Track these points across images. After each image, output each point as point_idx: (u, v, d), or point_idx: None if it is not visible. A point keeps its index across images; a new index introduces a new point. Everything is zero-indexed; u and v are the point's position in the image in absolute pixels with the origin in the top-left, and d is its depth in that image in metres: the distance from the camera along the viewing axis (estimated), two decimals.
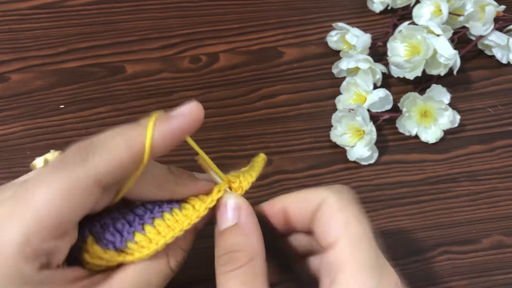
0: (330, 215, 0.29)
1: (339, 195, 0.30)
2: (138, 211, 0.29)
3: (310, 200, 0.30)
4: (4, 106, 0.47)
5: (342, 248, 0.28)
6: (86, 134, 0.46)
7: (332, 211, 0.29)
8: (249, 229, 0.30)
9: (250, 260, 0.28)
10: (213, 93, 0.49)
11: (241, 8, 0.54)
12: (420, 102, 0.46)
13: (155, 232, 0.28)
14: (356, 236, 0.28)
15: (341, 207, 0.29)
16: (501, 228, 0.43)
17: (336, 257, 0.28)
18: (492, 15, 0.48)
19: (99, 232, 0.28)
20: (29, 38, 0.51)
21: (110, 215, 0.29)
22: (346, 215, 0.29)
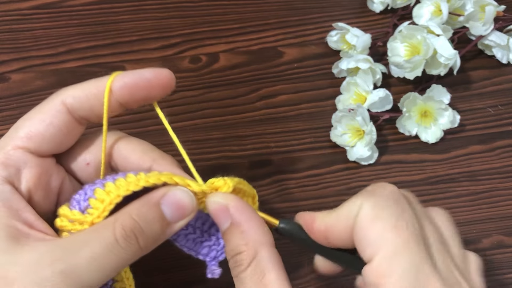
0: (366, 228, 0.27)
1: (372, 200, 0.28)
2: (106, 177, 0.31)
3: (347, 216, 0.28)
4: (4, 106, 0.47)
5: (379, 264, 0.26)
6: (86, 134, 0.45)
7: (366, 224, 0.27)
8: (245, 223, 0.29)
9: (254, 257, 0.28)
10: (213, 93, 0.49)
11: (241, 8, 0.54)
12: (420, 102, 0.46)
13: (114, 186, 0.29)
14: (393, 247, 0.26)
15: (375, 216, 0.27)
16: (501, 228, 0.43)
17: (373, 274, 0.26)
18: (492, 15, 0.48)
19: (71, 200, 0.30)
20: (29, 38, 0.51)
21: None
22: (380, 225, 0.27)
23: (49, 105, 0.30)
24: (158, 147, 0.36)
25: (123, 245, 0.27)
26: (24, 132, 0.29)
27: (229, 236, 0.29)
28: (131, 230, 0.27)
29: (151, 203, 0.28)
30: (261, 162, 0.45)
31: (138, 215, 0.28)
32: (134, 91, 0.30)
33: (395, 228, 0.26)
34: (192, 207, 0.29)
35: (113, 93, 0.30)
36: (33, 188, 0.29)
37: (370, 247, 0.27)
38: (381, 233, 0.26)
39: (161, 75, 0.30)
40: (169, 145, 0.33)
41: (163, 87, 0.30)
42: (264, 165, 0.45)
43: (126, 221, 0.27)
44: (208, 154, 0.45)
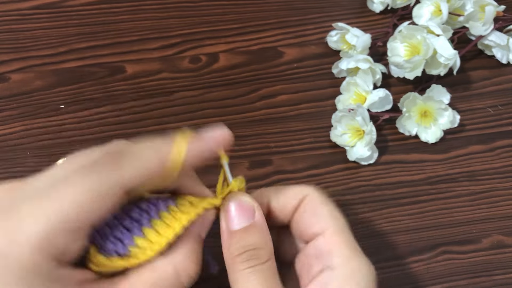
0: (316, 207, 0.31)
1: (319, 191, 0.32)
2: (134, 214, 0.28)
3: (292, 195, 0.32)
4: (4, 106, 0.47)
5: (332, 235, 0.30)
6: (86, 134, 0.46)
7: (317, 204, 0.32)
8: (265, 228, 0.30)
9: (270, 259, 0.29)
10: (213, 93, 0.49)
11: (241, 8, 0.54)
12: (420, 102, 0.46)
13: (155, 233, 0.28)
14: (341, 225, 0.31)
15: (325, 201, 0.32)
16: (501, 228, 0.43)
17: (327, 244, 0.30)
18: (492, 15, 0.48)
19: (100, 242, 0.28)
20: (29, 38, 0.51)
21: (107, 222, 0.28)
22: (330, 207, 0.32)
23: (105, 190, 0.26)
24: None
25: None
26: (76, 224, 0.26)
27: (247, 233, 0.30)
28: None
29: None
30: (261, 162, 0.45)
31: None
32: (199, 163, 0.29)
33: (339, 212, 0.32)
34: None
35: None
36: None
37: (321, 222, 0.31)
38: (331, 213, 0.31)
39: (225, 140, 0.30)
40: None
41: (226, 147, 0.31)
42: (264, 165, 0.45)
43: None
44: None
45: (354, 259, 0.30)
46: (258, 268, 0.29)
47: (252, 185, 0.44)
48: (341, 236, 0.30)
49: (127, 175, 0.26)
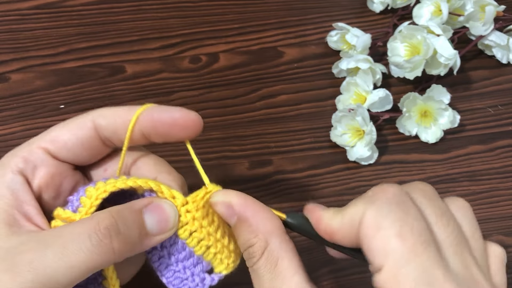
0: (370, 239, 0.26)
1: (374, 207, 0.27)
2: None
3: (350, 223, 0.28)
4: (4, 106, 0.47)
5: (387, 274, 0.25)
6: None
7: (370, 234, 0.26)
8: (251, 217, 0.29)
9: (265, 248, 0.28)
10: (213, 93, 0.49)
11: (241, 8, 0.54)
12: (420, 102, 0.46)
13: (101, 184, 0.30)
14: (399, 256, 0.25)
15: (377, 225, 0.26)
16: (501, 228, 0.43)
17: (383, 283, 0.26)
18: (492, 15, 0.48)
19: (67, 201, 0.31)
20: (29, 38, 0.51)
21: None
22: (384, 234, 0.26)
23: (80, 119, 0.31)
24: (158, 146, 0.36)
25: (95, 241, 0.26)
26: (50, 135, 0.31)
27: (238, 231, 0.29)
28: (106, 227, 0.27)
29: (134, 208, 0.29)
30: (261, 162, 0.45)
31: (118, 214, 0.28)
32: (158, 125, 0.31)
33: (399, 236, 0.26)
34: (174, 222, 0.29)
35: (139, 122, 0.31)
36: (44, 186, 0.30)
37: (377, 258, 0.26)
38: (385, 243, 0.26)
39: (188, 117, 0.31)
40: (169, 145, 0.33)
41: (188, 128, 0.31)
42: (264, 165, 0.45)
43: (104, 218, 0.27)
44: (208, 154, 0.45)
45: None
46: (256, 267, 0.28)
47: (252, 185, 0.44)
48: (395, 276, 0.25)
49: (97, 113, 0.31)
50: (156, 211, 0.29)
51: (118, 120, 0.31)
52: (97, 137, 0.31)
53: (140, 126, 0.31)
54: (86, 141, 0.31)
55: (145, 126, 0.31)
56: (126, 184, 0.29)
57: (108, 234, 0.27)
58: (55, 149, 0.31)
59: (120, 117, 0.31)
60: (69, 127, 0.31)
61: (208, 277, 0.31)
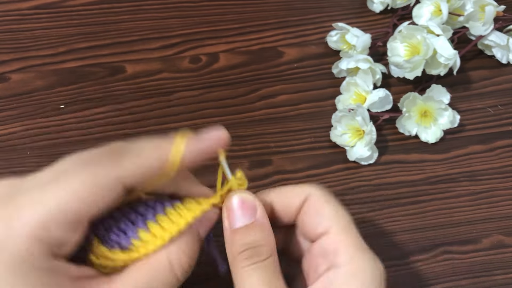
0: (320, 206, 0.31)
1: (322, 190, 0.32)
2: (140, 209, 0.29)
3: (295, 195, 0.32)
4: (4, 106, 0.47)
5: (337, 233, 0.30)
6: (86, 134, 0.46)
7: (321, 203, 0.31)
8: (268, 225, 0.31)
9: (272, 255, 0.30)
10: (213, 93, 0.49)
11: (241, 8, 0.54)
12: (420, 102, 0.46)
13: (159, 227, 0.28)
14: (346, 223, 0.31)
15: (328, 199, 0.32)
16: (501, 228, 0.43)
17: (332, 243, 0.30)
18: (492, 15, 0.48)
19: (103, 234, 0.28)
20: (29, 38, 0.51)
21: (112, 215, 0.29)
22: (334, 206, 0.31)
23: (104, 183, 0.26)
24: None
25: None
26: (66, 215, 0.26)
27: (249, 231, 0.30)
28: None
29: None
30: (261, 162, 0.45)
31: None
32: (197, 162, 0.29)
33: (343, 210, 0.31)
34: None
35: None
36: None
37: (325, 221, 0.31)
38: (335, 212, 0.31)
39: (222, 141, 0.30)
40: None
41: (223, 147, 0.31)
42: (264, 165, 0.45)
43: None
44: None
45: (359, 257, 0.30)
46: (259, 265, 0.29)
47: (252, 185, 0.44)
48: (345, 234, 0.30)
49: (127, 170, 0.27)
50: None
51: (153, 175, 0.28)
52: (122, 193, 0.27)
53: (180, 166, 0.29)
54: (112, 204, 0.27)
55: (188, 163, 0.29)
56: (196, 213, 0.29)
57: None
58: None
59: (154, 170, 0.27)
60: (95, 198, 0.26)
61: None
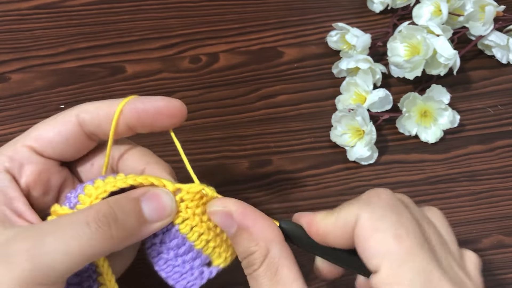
0: (366, 241, 0.27)
1: (368, 210, 0.28)
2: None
3: (344, 225, 0.28)
4: (4, 106, 0.47)
5: (386, 275, 0.26)
6: None
7: (365, 236, 0.27)
8: (252, 226, 0.29)
9: (266, 255, 0.29)
10: (213, 93, 0.49)
11: (241, 8, 0.54)
12: (420, 102, 0.46)
13: (93, 188, 0.29)
14: (397, 257, 0.26)
15: (373, 228, 0.27)
16: (501, 228, 0.43)
17: (381, 284, 0.26)
18: (492, 15, 0.49)
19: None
20: (29, 38, 0.51)
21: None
22: (380, 237, 0.27)
23: (64, 115, 0.31)
24: (158, 146, 0.36)
25: (94, 229, 0.26)
26: (34, 134, 0.31)
27: (238, 240, 0.29)
28: (104, 215, 0.27)
29: (131, 197, 0.29)
30: (261, 162, 0.45)
31: (116, 203, 0.28)
32: (142, 116, 0.31)
33: (395, 237, 0.27)
34: (171, 209, 0.30)
35: (123, 115, 0.31)
36: (32, 183, 0.30)
37: (374, 259, 0.27)
38: (382, 245, 0.27)
39: (172, 105, 0.31)
40: (168, 145, 0.34)
41: (172, 116, 0.31)
42: (264, 165, 0.45)
43: (102, 207, 0.27)
44: (208, 154, 0.45)
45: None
46: (254, 274, 0.29)
47: (252, 185, 0.44)
48: (395, 274, 0.26)
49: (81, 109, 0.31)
50: (153, 199, 0.29)
51: (102, 114, 0.31)
52: (81, 133, 0.31)
53: (125, 118, 0.31)
54: (71, 137, 0.31)
55: (130, 118, 0.31)
56: (126, 183, 0.29)
57: (107, 221, 0.27)
58: (40, 147, 0.31)
59: (103, 110, 0.31)
60: (53, 124, 0.31)
61: (206, 270, 0.31)
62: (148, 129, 0.32)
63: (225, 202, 0.30)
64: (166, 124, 0.31)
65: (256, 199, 0.44)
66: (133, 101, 0.31)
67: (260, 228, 0.29)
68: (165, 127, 0.31)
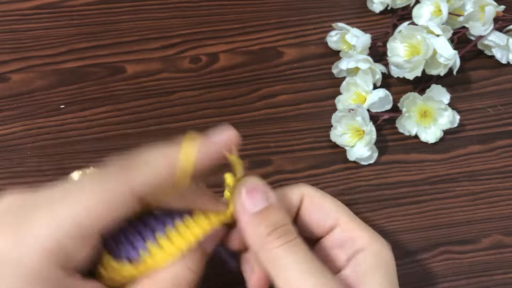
0: (320, 203, 0.33)
1: (313, 188, 0.33)
2: (150, 222, 0.29)
3: (290, 197, 0.33)
4: (4, 106, 0.47)
5: (347, 222, 0.32)
6: (86, 134, 0.46)
7: (320, 199, 0.33)
8: (282, 208, 0.31)
9: (296, 237, 0.29)
10: (213, 93, 0.49)
11: (241, 8, 0.54)
12: (420, 102, 0.46)
13: (167, 240, 0.28)
14: (350, 212, 0.32)
15: (324, 195, 0.33)
16: (500, 228, 0.43)
17: (346, 232, 0.32)
18: (491, 15, 0.49)
19: (113, 246, 0.28)
20: (30, 38, 0.51)
21: (121, 228, 0.28)
22: (332, 200, 0.33)
23: (115, 196, 0.26)
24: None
25: None
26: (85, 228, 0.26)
27: (271, 211, 0.29)
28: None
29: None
30: (261, 162, 0.45)
31: None
32: (209, 166, 0.29)
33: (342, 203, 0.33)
34: None
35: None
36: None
37: (331, 214, 0.32)
38: (335, 204, 0.33)
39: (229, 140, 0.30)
40: None
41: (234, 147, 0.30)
42: (264, 165, 0.45)
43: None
44: None
45: (376, 239, 0.31)
46: (294, 242, 0.28)
47: None
48: (355, 222, 0.32)
49: (137, 180, 0.26)
50: None
51: (163, 184, 0.27)
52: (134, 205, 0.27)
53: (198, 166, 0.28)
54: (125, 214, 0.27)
55: (200, 168, 0.28)
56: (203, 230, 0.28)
57: None
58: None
59: (164, 178, 0.27)
60: (106, 207, 0.26)
61: None
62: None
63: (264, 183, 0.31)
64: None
65: None
66: (198, 156, 0.28)
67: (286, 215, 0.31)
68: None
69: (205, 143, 0.29)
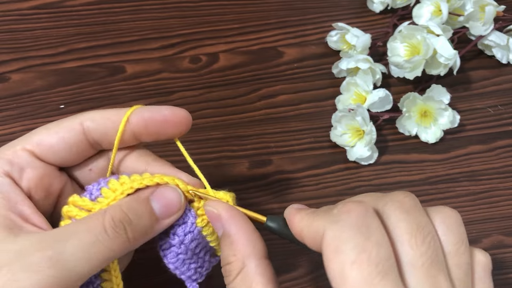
0: (328, 260, 0.26)
1: (335, 229, 0.26)
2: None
3: (315, 234, 0.27)
4: (4, 106, 0.47)
5: None
6: None
7: (328, 255, 0.26)
8: (234, 234, 0.29)
9: (241, 269, 0.28)
10: (213, 93, 0.49)
11: (241, 8, 0.54)
12: (420, 102, 0.46)
13: (118, 184, 0.31)
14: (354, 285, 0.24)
15: (336, 249, 0.26)
16: (501, 228, 0.43)
17: None
18: (492, 15, 0.48)
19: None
20: (29, 38, 0.51)
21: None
22: (341, 259, 0.25)
23: (68, 121, 0.31)
24: (157, 146, 0.36)
25: (111, 235, 0.28)
26: (36, 138, 0.31)
27: (222, 244, 0.30)
28: (120, 221, 0.28)
29: (141, 199, 0.30)
30: (261, 162, 0.45)
31: (128, 207, 0.29)
32: (149, 124, 0.32)
33: (355, 263, 0.25)
34: (179, 205, 0.31)
35: (130, 123, 0.31)
36: (33, 187, 0.30)
37: (333, 281, 0.25)
38: (341, 269, 0.25)
39: (178, 114, 0.32)
40: (169, 145, 0.34)
41: (178, 125, 0.32)
42: (264, 165, 0.45)
43: (116, 212, 0.29)
44: (208, 154, 0.45)
45: None
46: (229, 286, 0.29)
47: (252, 185, 0.44)
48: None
49: (86, 116, 0.31)
50: (161, 196, 0.30)
51: (108, 123, 0.31)
52: (85, 141, 0.31)
53: (131, 126, 0.31)
54: (73, 144, 0.31)
55: (137, 126, 0.31)
56: (153, 181, 0.30)
57: (122, 226, 0.28)
58: (41, 152, 0.31)
59: (110, 119, 0.31)
60: (56, 130, 0.31)
61: (213, 260, 0.34)
62: (153, 138, 0.32)
63: (217, 205, 0.31)
64: (171, 132, 0.32)
65: (256, 199, 0.44)
66: (140, 110, 0.32)
67: (241, 239, 0.29)
68: (170, 136, 0.32)
69: (152, 109, 0.32)
